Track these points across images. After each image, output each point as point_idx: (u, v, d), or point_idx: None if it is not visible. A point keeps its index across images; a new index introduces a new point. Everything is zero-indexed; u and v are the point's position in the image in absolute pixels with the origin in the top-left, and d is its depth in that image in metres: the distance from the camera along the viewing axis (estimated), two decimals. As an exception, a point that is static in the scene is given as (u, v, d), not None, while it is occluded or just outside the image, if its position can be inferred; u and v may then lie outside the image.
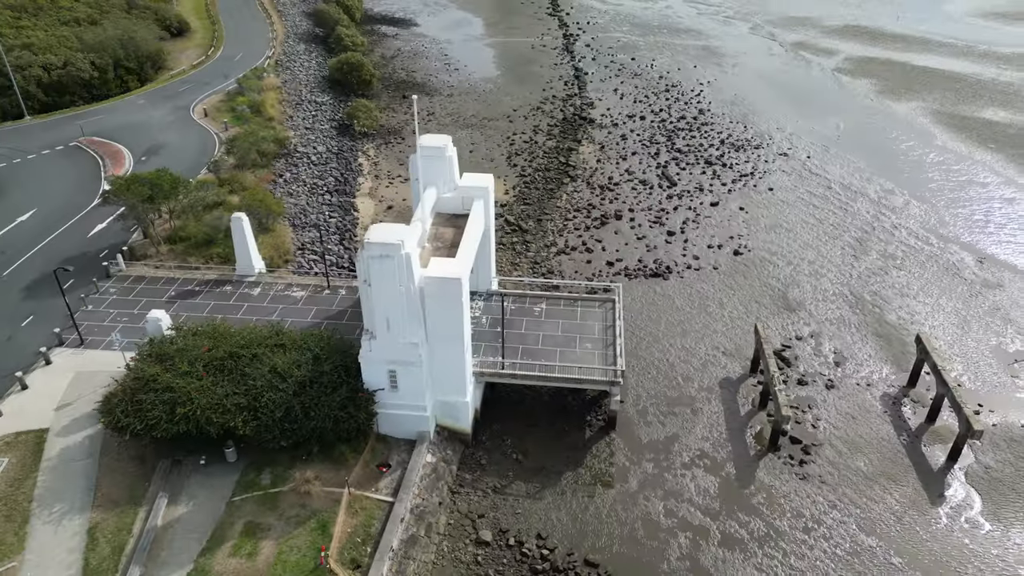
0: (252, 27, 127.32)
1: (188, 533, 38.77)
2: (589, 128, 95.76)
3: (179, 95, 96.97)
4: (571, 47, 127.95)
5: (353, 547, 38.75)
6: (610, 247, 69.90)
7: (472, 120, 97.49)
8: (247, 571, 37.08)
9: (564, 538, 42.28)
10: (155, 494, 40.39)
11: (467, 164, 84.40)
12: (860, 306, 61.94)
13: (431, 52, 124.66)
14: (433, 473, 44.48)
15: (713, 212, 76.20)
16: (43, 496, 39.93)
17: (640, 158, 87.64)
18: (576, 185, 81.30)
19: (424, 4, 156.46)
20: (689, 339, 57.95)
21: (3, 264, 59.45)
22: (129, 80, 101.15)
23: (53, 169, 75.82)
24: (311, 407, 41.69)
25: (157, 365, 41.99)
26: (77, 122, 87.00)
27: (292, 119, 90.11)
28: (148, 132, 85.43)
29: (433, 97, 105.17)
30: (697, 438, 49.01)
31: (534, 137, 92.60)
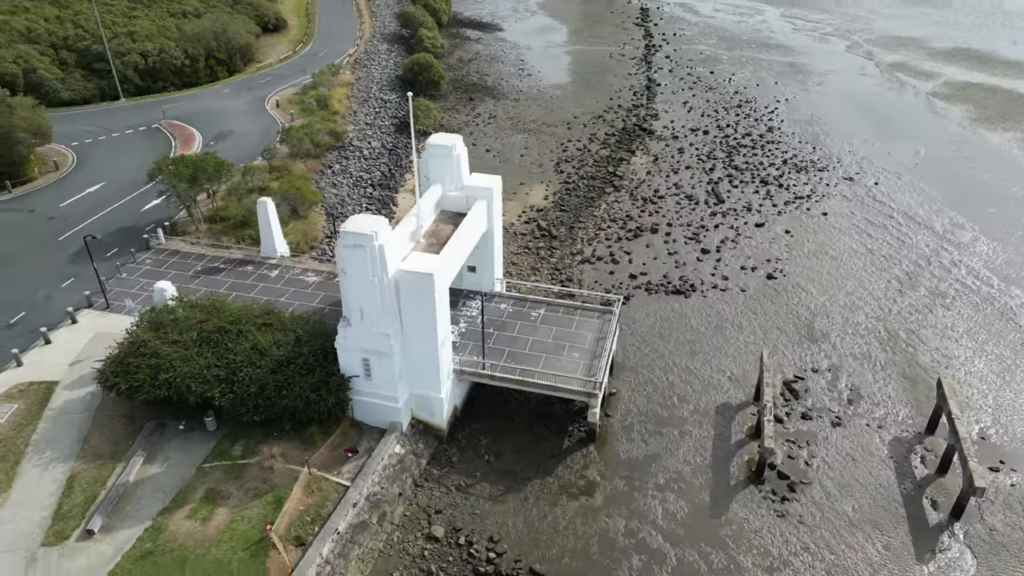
0: (343, 26, 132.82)
1: (155, 492, 41.15)
2: (647, 139, 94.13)
3: (259, 86, 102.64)
4: (650, 58, 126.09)
5: (301, 525, 39.95)
6: (637, 260, 68.51)
7: (531, 125, 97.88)
8: (197, 534, 38.98)
9: (515, 544, 41.92)
10: (134, 452, 43.13)
11: (515, 168, 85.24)
12: (892, 343, 57.89)
13: (508, 57, 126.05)
14: (399, 464, 45.17)
15: (756, 233, 73.21)
16: (38, 442, 43.46)
17: (692, 173, 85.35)
18: (619, 195, 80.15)
19: (514, 10, 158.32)
20: (696, 360, 56.01)
21: (62, 229, 64.96)
22: (218, 70, 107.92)
23: (129, 147, 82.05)
24: (284, 386, 43.34)
25: (151, 332, 44.88)
26: (162, 106, 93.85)
27: (355, 114, 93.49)
28: (222, 118, 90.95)
29: (499, 101, 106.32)
30: (678, 461, 47.35)
31: (588, 145, 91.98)
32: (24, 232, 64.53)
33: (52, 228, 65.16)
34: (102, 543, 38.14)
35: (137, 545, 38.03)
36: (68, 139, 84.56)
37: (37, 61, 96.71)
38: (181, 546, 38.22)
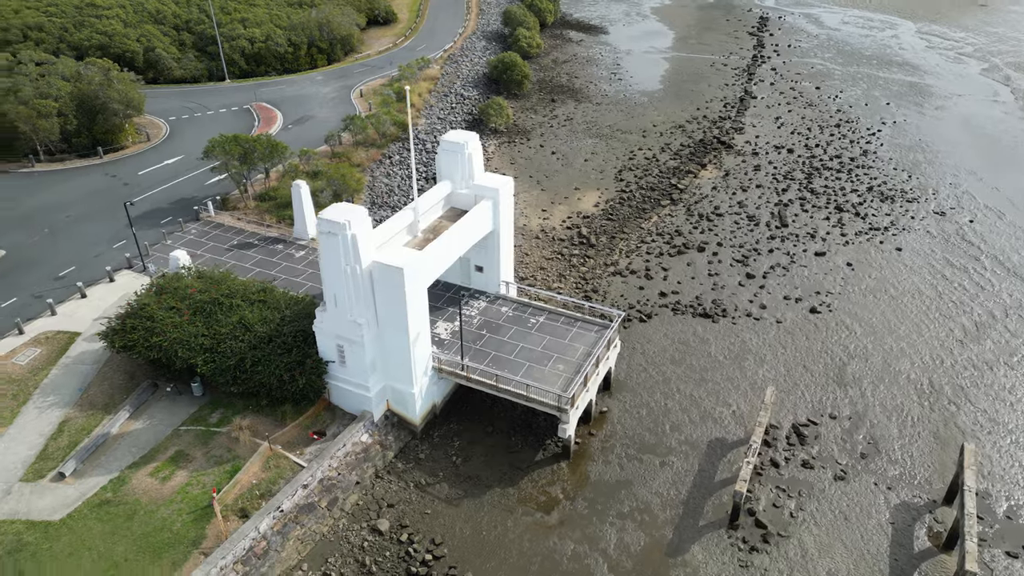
0: (448, 23, 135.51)
1: (130, 446, 43.83)
2: (723, 153, 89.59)
3: (351, 76, 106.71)
4: (754, 69, 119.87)
5: (250, 498, 41.22)
6: (673, 278, 65.38)
7: (605, 130, 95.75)
8: (153, 491, 41.13)
9: (456, 550, 41.23)
10: (122, 407, 46.12)
11: (575, 173, 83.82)
12: (932, 399, 51.94)
13: (605, 61, 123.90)
14: (363, 453, 45.59)
15: (812, 262, 67.89)
16: (46, 386, 47.41)
17: (762, 192, 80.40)
18: (674, 209, 76.82)
19: (625, 14, 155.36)
20: (702, 389, 52.75)
21: (132, 195, 70.30)
22: (319, 59, 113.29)
23: (216, 125, 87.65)
24: (260, 362, 44.86)
25: (153, 296, 47.81)
26: (257, 89, 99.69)
27: (431, 108, 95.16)
28: (307, 104, 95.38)
29: (581, 104, 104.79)
30: (649, 491, 44.79)
31: (658, 155, 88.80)
32: (99, 195, 70.54)
33: (124, 193, 70.79)
34: (70, 486, 41.08)
35: (99, 493, 40.69)
36: (168, 114, 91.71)
37: (158, 41, 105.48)
38: (136, 500, 40.51)
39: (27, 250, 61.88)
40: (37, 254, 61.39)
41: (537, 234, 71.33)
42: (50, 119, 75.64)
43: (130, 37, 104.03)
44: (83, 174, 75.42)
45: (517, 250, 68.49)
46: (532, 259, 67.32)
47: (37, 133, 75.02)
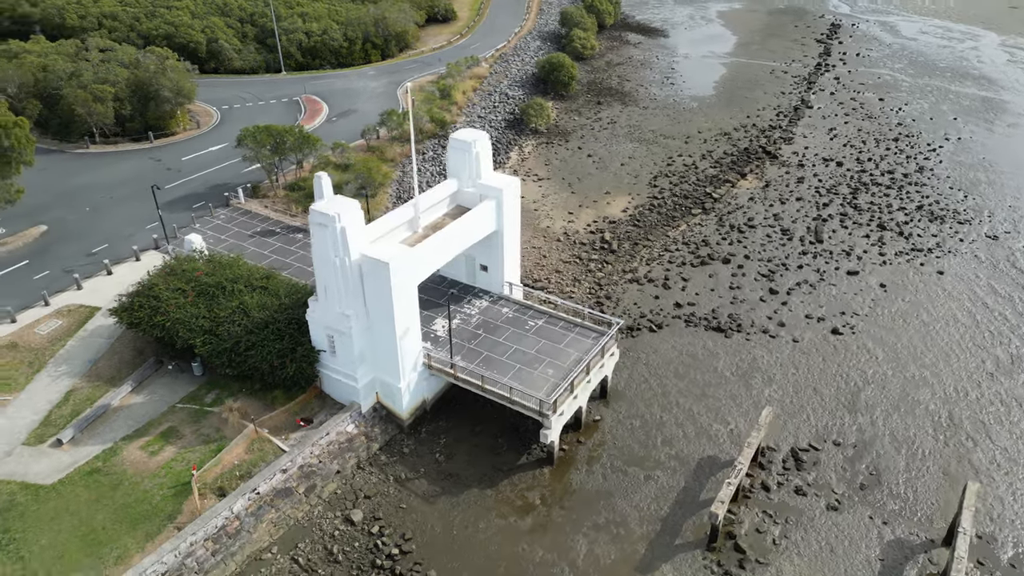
0: (507, 22, 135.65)
1: (126, 419, 45.71)
2: (766, 164, 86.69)
3: (401, 72, 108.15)
4: (815, 77, 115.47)
5: (229, 478, 42.35)
6: (692, 289, 63.68)
7: (648, 135, 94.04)
8: (141, 464, 42.76)
9: (425, 546, 41.29)
10: (125, 380, 48.12)
11: (608, 176, 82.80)
12: (949, 433, 48.90)
13: (659, 64, 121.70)
14: (347, 443, 46.19)
15: (843, 281, 64.94)
16: (61, 356, 49.93)
17: (801, 205, 77.39)
18: (705, 219, 74.79)
19: (690, 17, 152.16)
20: (702, 404, 51.19)
21: (173, 179, 73.38)
22: (373, 54, 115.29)
23: (264, 115, 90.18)
24: (253, 347, 46.05)
25: (162, 277, 49.67)
26: (307, 82, 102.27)
27: (473, 106, 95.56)
28: (353, 97, 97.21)
29: (628, 107, 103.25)
30: (629, 504, 43.76)
31: (698, 162, 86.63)
32: (142, 178, 73.68)
33: (166, 177, 73.81)
34: (65, 453, 43.15)
35: (90, 462, 42.60)
36: (221, 103, 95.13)
37: (221, 32, 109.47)
38: (123, 471, 42.22)
39: (68, 226, 65.30)
40: (76, 230, 64.69)
41: (559, 236, 70.69)
42: (105, 103, 79.61)
43: (195, 28, 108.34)
44: (131, 157, 79.05)
45: (535, 251, 68.13)
46: (549, 261, 66.78)
47: (92, 116, 79.06)
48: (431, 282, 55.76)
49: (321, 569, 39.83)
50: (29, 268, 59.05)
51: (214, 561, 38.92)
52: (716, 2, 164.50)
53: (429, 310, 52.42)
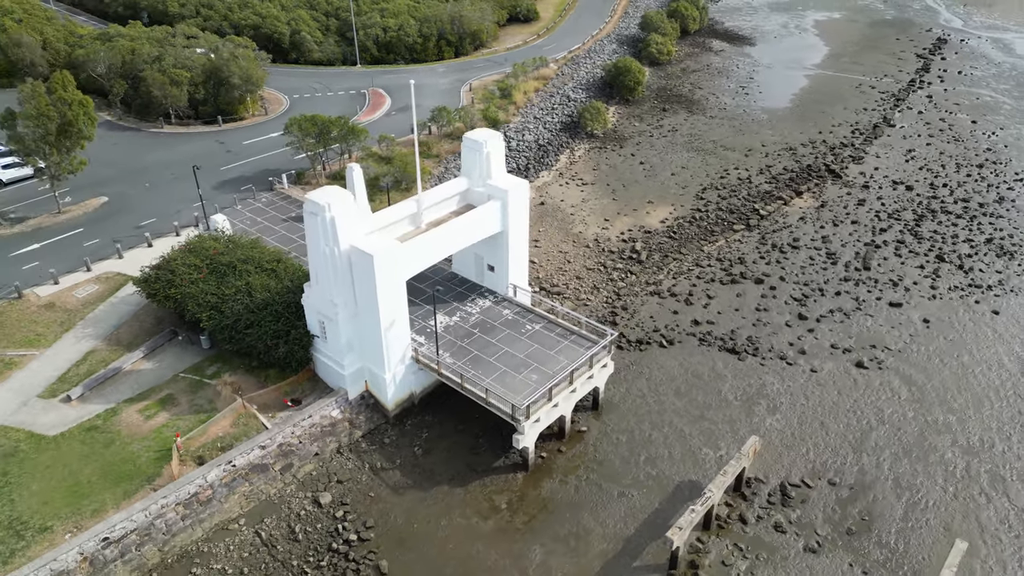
0: (588, 24, 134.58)
1: (133, 383, 48.72)
2: (827, 182, 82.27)
3: (470, 70, 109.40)
4: (905, 95, 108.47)
5: (211, 449, 44.42)
6: (716, 307, 61.39)
7: (707, 145, 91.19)
8: (135, 427, 45.50)
9: (383, 536, 41.90)
10: (139, 347, 51.27)
11: (655, 185, 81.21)
12: (961, 486, 45.03)
13: (738, 73, 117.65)
14: (329, 427, 47.44)
15: (882, 313, 60.91)
16: (89, 319, 53.74)
17: (856, 229, 73.04)
18: (747, 236, 71.84)
19: (783, 25, 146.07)
20: (696, 427, 49.36)
21: (229, 162, 77.38)
22: (446, 51, 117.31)
23: (329, 105, 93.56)
24: (251, 326, 48.05)
25: (181, 253, 52.55)
26: (375, 76, 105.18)
27: (531, 107, 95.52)
28: (418, 93, 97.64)
29: (693, 115, 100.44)
30: (596, 520, 42.82)
31: (754, 177, 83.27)
32: (203, 158, 77.71)
33: (224, 159, 77.95)
34: (72, 409, 46.48)
35: (91, 420, 45.71)
36: (293, 91, 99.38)
37: (305, 25, 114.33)
38: (118, 432, 45.08)
39: (126, 199, 70.08)
40: (132, 204, 69.33)
41: (588, 243, 69.77)
42: (181, 87, 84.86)
43: (281, 20, 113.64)
44: (199, 139, 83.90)
45: (560, 256, 67.56)
46: (573, 267, 66.06)
47: (167, 98, 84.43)
48: (442, 279, 56.69)
49: (280, 545, 41.20)
50: (82, 235, 63.81)
51: (182, 525, 40.96)
52: (815, 11, 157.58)
53: (431, 305, 53.14)
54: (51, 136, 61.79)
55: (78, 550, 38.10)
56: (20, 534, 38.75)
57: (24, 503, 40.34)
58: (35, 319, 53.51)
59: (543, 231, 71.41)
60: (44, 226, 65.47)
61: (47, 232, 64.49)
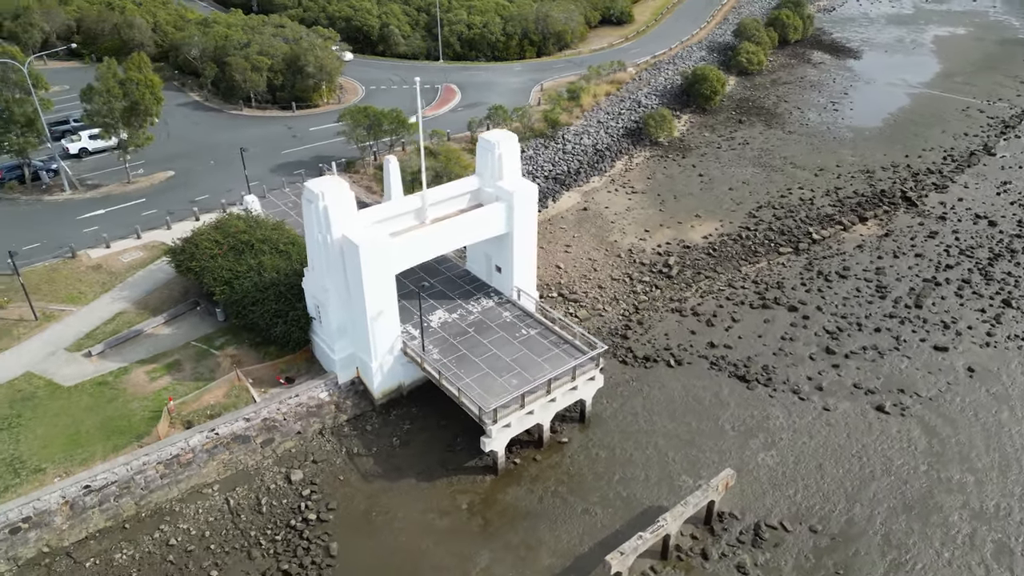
0: (681, 29, 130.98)
1: (148, 346, 52.20)
2: (899, 211, 76.44)
3: (548, 71, 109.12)
4: (1017, 122, 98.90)
5: (200, 416, 46.97)
6: (738, 331, 58.59)
7: (777, 161, 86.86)
8: (139, 386, 48.79)
9: (340, 521, 42.90)
10: (161, 313, 54.79)
11: (709, 199, 78.53)
12: (960, 552, 40.89)
13: (832, 88, 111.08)
14: (315, 408, 49.01)
15: (922, 356, 56.11)
16: (128, 283, 57.94)
17: (917, 263, 67.51)
18: (793, 260, 67.98)
19: (897, 40, 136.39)
20: (682, 453, 47.42)
21: (293, 145, 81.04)
22: (528, 50, 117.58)
23: (399, 97, 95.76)
24: (256, 303, 50.40)
25: (209, 229, 55.67)
26: (454, 71, 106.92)
27: (597, 110, 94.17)
28: (489, 90, 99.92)
29: (770, 129, 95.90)
30: (551, 533, 42.08)
31: (817, 198, 78.55)
32: (269, 141, 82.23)
33: (287, 144, 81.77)
34: (91, 364, 50.41)
35: (103, 376, 49.39)
36: (371, 83, 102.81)
37: (394, 19, 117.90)
38: (123, 389, 48.50)
39: (190, 175, 74.91)
40: (195, 180, 74.02)
41: (621, 252, 68.21)
42: (260, 73, 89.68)
43: (372, 14, 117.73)
44: (271, 123, 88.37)
45: (588, 263, 66.48)
46: (598, 276, 64.83)
47: (247, 83, 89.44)
48: (455, 275, 57.18)
49: (245, 515, 43.06)
50: (143, 205, 68.83)
51: (160, 483, 43.63)
52: (938, 25, 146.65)
53: (436, 300, 53.86)
54: (118, 112, 66.96)
55: (61, 494, 41.43)
56: (17, 472, 42.58)
57: (27, 444, 44.25)
58: (81, 278, 58.37)
59: (577, 237, 70.49)
60: (113, 194, 71.16)
61: (113, 200, 70.05)
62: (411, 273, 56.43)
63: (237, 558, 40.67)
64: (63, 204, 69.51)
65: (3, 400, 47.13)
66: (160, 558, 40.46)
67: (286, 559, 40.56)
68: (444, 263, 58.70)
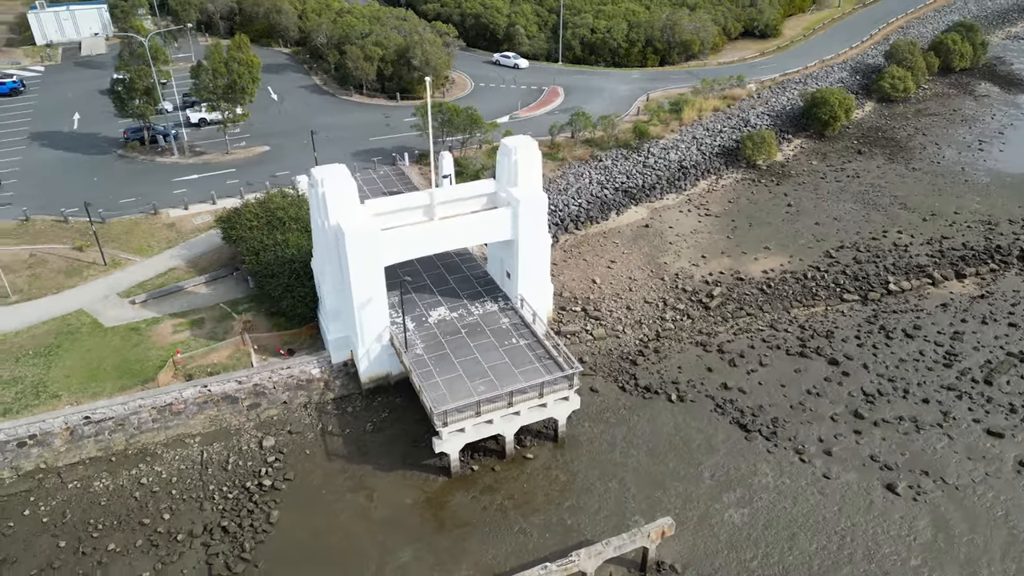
0: (829, 47, 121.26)
1: (185, 301, 57.31)
2: (1009, 271, 66.49)
3: (664, 81, 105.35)
4: None
5: (201, 371, 50.95)
6: (760, 376, 54.09)
7: (884, 201, 78.50)
8: (162, 336, 53.78)
9: (292, 492, 44.96)
10: (204, 274, 59.79)
11: (786, 234, 73.43)
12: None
13: (987, 125, 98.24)
14: (305, 383, 51.52)
15: (968, 437, 48.84)
16: (189, 243, 63.76)
17: (1008, 334, 58.54)
18: (856, 310, 61.44)
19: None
20: (645, 493, 44.83)
21: (383, 133, 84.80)
22: (651, 59, 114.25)
23: (504, 95, 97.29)
24: (272, 276, 53.81)
25: (255, 204, 59.91)
26: (566, 75, 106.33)
27: (696, 126, 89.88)
28: (594, 96, 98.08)
29: (891, 164, 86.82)
30: (479, 544, 41.61)
31: (913, 247, 70.16)
32: (363, 127, 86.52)
33: (378, 131, 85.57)
34: (132, 311, 56.25)
35: (137, 322, 55.00)
36: (481, 79, 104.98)
37: (523, 19, 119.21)
38: (148, 337, 53.71)
39: (283, 151, 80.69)
40: (285, 156, 79.63)
41: (665, 275, 65.08)
42: (372, 63, 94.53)
43: (502, 12, 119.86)
44: (372, 110, 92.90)
45: (628, 281, 64.14)
46: (631, 295, 62.35)
47: (358, 71, 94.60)
48: (473, 276, 57.54)
49: (211, 469, 46.32)
50: (233, 175, 75.21)
51: (151, 426, 48.03)
52: None
53: (444, 297, 54.59)
54: (219, 89, 73.61)
55: (64, 420, 46.87)
56: (38, 394, 48.67)
57: (54, 372, 50.39)
58: (154, 233, 65.12)
59: (626, 253, 68.17)
60: (211, 162, 78.41)
61: (210, 167, 77.19)
62: (431, 267, 57.87)
63: (190, 507, 43.95)
64: (169, 166, 77.66)
65: (52, 331, 53.97)
66: (128, 493, 44.62)
67: (230, 517, 43.26)
68: (468, 262, 59.31)
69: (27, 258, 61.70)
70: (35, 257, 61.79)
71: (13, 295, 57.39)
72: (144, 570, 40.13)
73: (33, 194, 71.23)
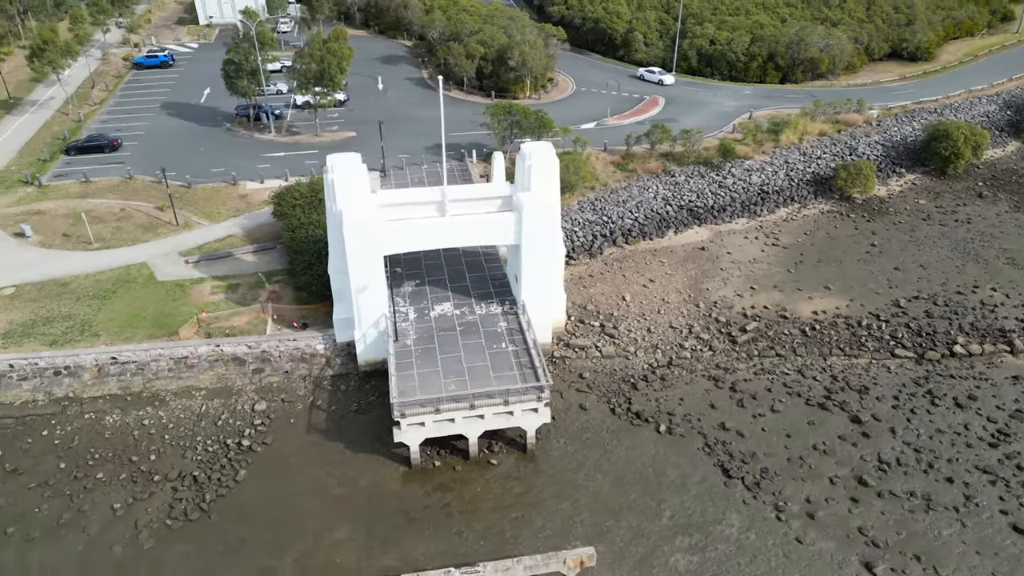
0: (981, 76, 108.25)
1: (230, 266, 62.22)
2: (1117, 350, 56.73)
3: (775, 99, 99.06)
4: None
5: (220, 332, 55.14)
6: (766, 422, 50.13)
7: (988, 252, 69.42)
8: (201, 294, 58.84)
9: (264, 456, 47.62)
10: (255, 244, 64.35)
11: (856, 274, 68.97)
12: None
13: None
14: (308, 356, 54.35)
15: (987, 529, 42.53)
16: (253, 214, 68.97)
17: (1089, 420, 50.23)
18: (906, 367, 55.11)
19: None
20: (597, 520, 43.23)
21: (463, 129, 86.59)
22: (771, 75, 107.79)
23: (598, 100, 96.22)
24: (298, 253, 57.23)
25: (303, 186, 63.68)
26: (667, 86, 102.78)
27: (791, 150, 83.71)
28: (692, 110, 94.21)
29: (1016, 212, 76.52)
30: (412, 543, 42.12)
31: (1003, 307, 61.49)
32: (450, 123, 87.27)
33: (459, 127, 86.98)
34: (185, 269, 61.84)
35: (184, 280, 60.43)
36: (584, 83, 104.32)
37: (643, 25, 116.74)
38: (187, 295, 58.93)
39: (366, 138, 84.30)
40: (367, 142, 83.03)
41: (702, 302, 61.75)
42: (472, 60, 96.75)
43: (622, 18, 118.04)
44: (466, 106, 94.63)
45: (659, 303, 61.72)
46: (658, 318, 59.80)
47: (458, 67, 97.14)
48: (492, 276, 57.89)
49: (204, 423, 50.03)
50: (314, 155, 79.97)
51: (166, 374, 52.77)
52: None
53: (455, 294, 55.40)
54: (310, 74, 78.66)
55: (95, 358, 52.64)
56: (83, 331, 54.93)
57: (102, 314, 56.59)
58: (226, 202, 71.01)
59: (669, 274, 65.40)
60: (301, 143, 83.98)
61: (298, 147, 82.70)
62: (455, 263, 59.07)
63: (174, 452, 47.89)
64: (264, 142, 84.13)
65: (114, 278, 60.60)
66: (130, 431, 49.36)
67: (203, 468, 46.68)
68: (492, 262, 59.72)
69: (118, 211, 69.57)
70: (124, 212, 69.54)
71: (96, 242, 64.97)
72: (116, 501, 44.36)
73: (145, 156, 79.93)
